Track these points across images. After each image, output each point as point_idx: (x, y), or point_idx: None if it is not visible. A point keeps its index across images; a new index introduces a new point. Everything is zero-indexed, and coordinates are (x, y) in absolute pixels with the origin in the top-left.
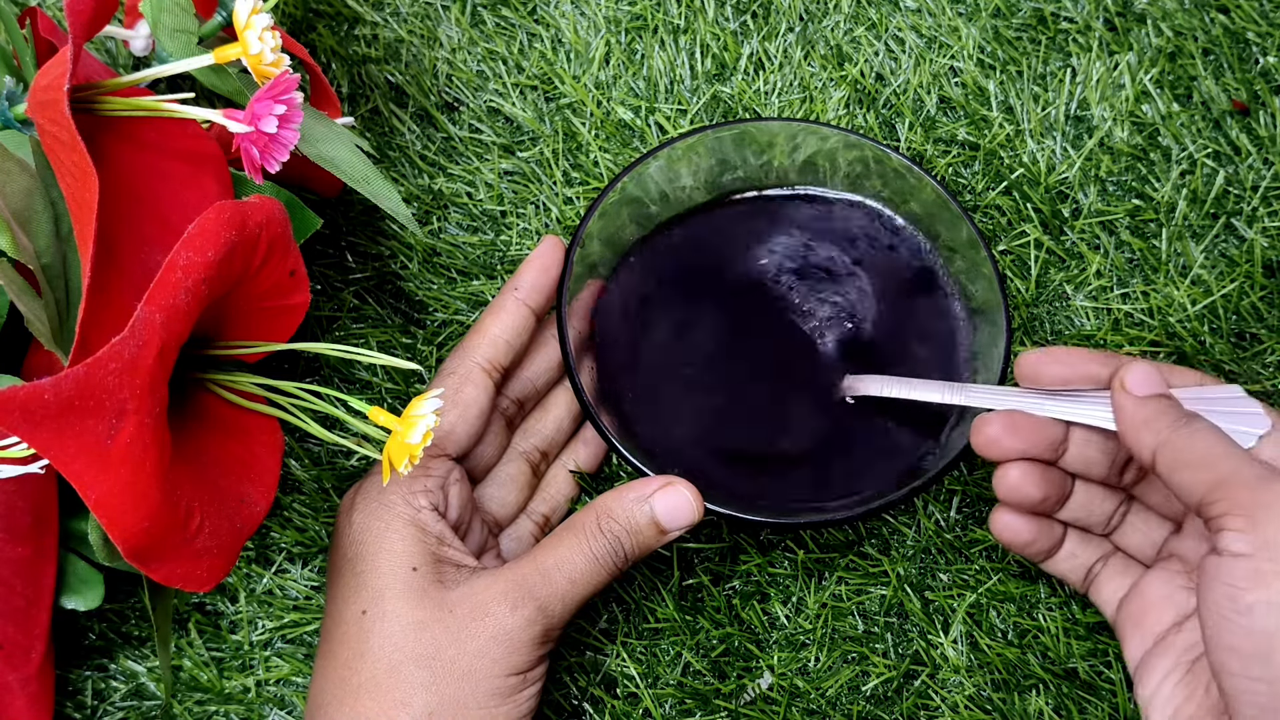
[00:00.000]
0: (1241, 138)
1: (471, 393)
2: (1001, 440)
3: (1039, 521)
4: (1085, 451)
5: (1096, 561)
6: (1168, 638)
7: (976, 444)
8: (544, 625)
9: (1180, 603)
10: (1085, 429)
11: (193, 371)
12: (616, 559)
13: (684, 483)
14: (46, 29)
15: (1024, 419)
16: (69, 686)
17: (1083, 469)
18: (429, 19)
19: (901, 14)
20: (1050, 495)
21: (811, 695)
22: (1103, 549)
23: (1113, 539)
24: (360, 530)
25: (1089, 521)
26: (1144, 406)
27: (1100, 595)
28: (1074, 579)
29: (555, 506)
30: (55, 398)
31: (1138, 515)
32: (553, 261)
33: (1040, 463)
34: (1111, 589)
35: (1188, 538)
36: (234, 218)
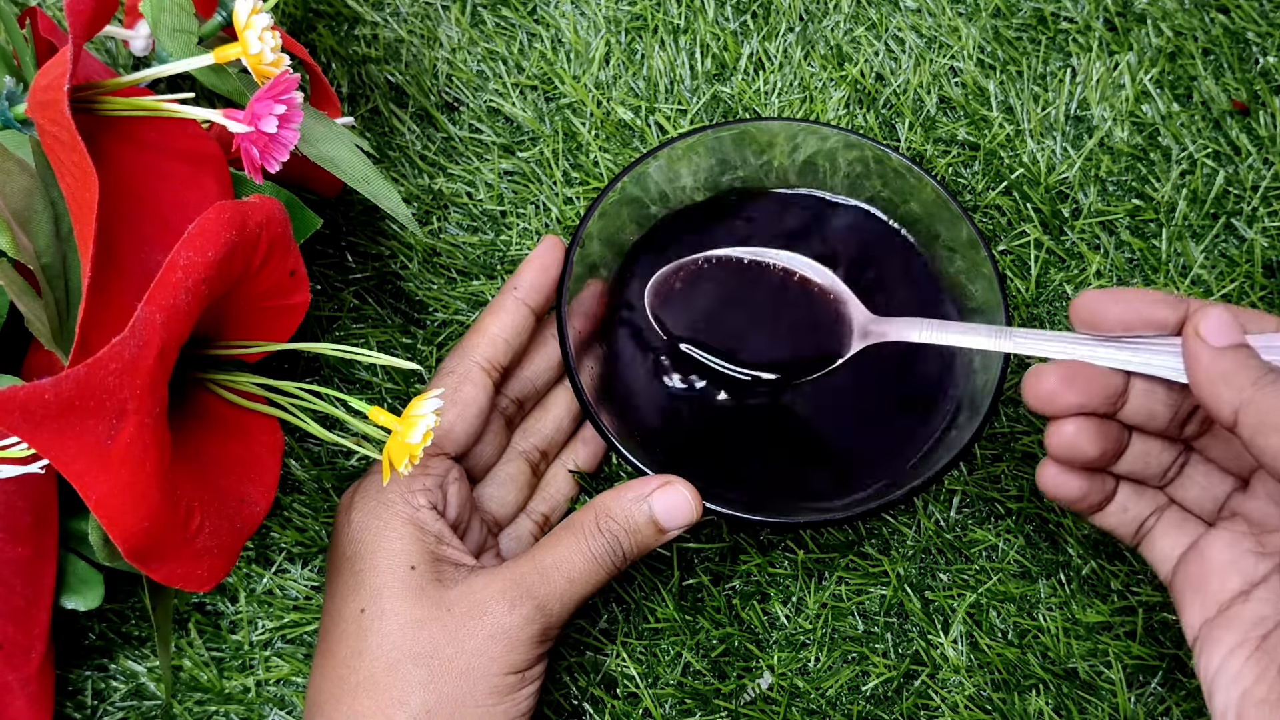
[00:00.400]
0: (1241, 138)
1: (470, 392)
2: (1059, 394)
3: (1090, 475)
4: (1146, 403)
5: (1150, 515)
6: (1233, 607)
7: (1030, 398)
8: (542, 624)
9: (1247, 569)
10: (1150, 380)
11: (193, 371)
12: (615, 558)
13: (683, 482)
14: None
15: (1083, 369)
16: (69, 686)
17: (1143, 422)
18: (429, 19)
19: (901, 14)
20: (1108, 451)
21: (811, 695)
22: (1157, 501)
23: (1168, 491)
24: (359, 529)
25: (1144, 474)
26: (1222, 359)
27: (1154, 552)
28: (1124, 533)
29: (555, 506)
30: (56, 398)
31: (1197, 468)
32: (552, 261)
33: (1097, 416)
34: (1167, 545)
35: (1255, 497)
36: (234, 218)
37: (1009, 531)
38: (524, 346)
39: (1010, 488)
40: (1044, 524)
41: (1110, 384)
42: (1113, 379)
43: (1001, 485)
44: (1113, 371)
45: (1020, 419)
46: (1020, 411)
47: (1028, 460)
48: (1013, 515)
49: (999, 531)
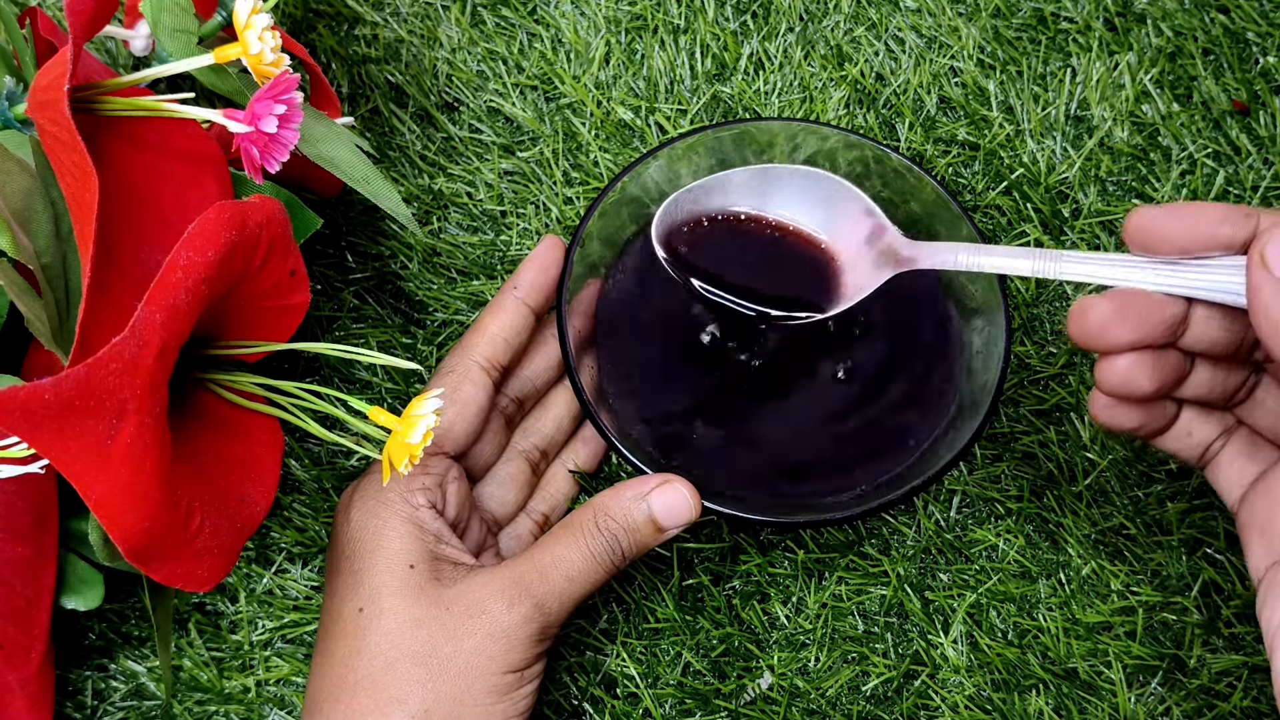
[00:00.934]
0: (1241, 138)
1: (470, 391)
2: (1111, 328)
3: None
4: (1209, 330)
5: (1217, 438)
6: None
7: (1078, 334)
8: (541, 623)
9: None
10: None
11: (193, 371)
12: (614, 557)
13: (682, 481)
14: (46, 29)
15: (1139, 299)
16: (69, 686)
17: (1206, 348)
18: (429, 19)
19: (901, 14)
20: (1167, 383)
21: (811, 695)
22: (1225, 423)
23: (1237, 412)
24: (358, 528)
25: (1209, 397)
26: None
27: (1220, 479)
28: (1188, 457)
29: (555, 505)
30: (56, 398)
31: (1269, 390)
32: (552, 261)
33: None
34: (1234, 473)
35: None
36: (234, 218)
37: (1009, 531)
38: (524, 346)
39: (1010, 488)
40: (1044, 524)
41: (1170, 313)
42: (1173, 307)
43: (1001, 485)
44: (1172, 299)
45: (1020, 419)
46: (1021, 411)
47: (1028, 460)
48: (1013, 515)
49: (999, 531)
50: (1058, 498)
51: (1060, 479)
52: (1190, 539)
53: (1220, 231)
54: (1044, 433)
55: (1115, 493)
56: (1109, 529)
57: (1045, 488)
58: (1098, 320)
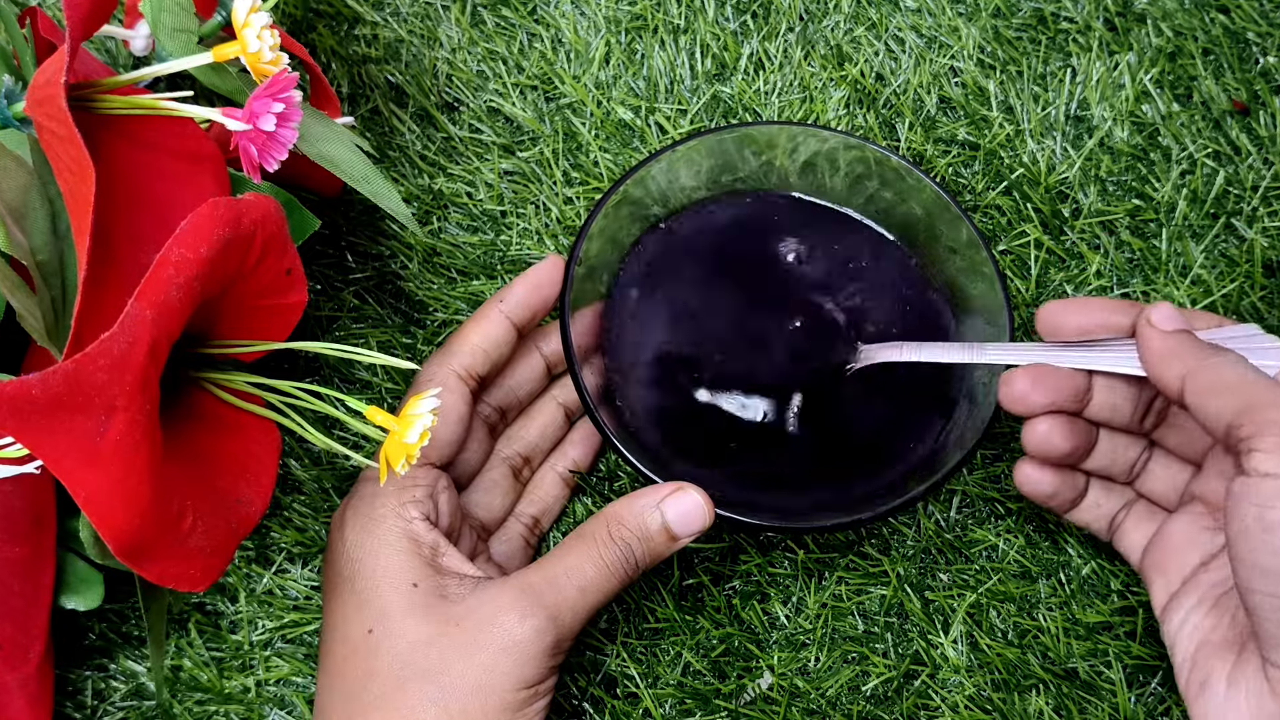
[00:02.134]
0: (1241, 138)
1: (448, 399)
2: (1030, 395)
3: (1062, 472)
4: (1109, 399)
5: (1120, 509)
6: (1195, 577)
7: (1005, 399)
8: (555, 635)
9: (1204, 544)
10: (1110, 377)
11: (189, 370)
12: (628, 566)
13: (694, 488)
14: (46, 29)
15: (1050, 371)
16: (69, 686)
17: (1107, 417)
18: (429, 19)
19: (901, 14)
20: (1078, 446)
21: (811, 695)
22: (1126, 497)
23: (1135, 486)
24: (354, 547)
25: (1112, 470)
26: (1170, 339)
27: (1125, 543)
28: (1098, 528)
29: (545, 509)
30: (44, 393)
31: (1159, 461)
32: (546, 280)
33: (1066, 414)
34: (1137, 536)
35: (1209, 478)
36: (228, 214)
37: (1009, 531)
38: (504, 360)
39: (1010, 488)
40: (1044, 524)
41: (1075, 384)
42: (1077, 379)
43: (1001, 485)
44: (1076, 372)
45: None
46: None
47: None
48: (1013, 515)
49: (999, 531)
50: None
51: None
52: None
53: (1111, 318)
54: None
55: None
56: None
57: None
58: (1020, 388)
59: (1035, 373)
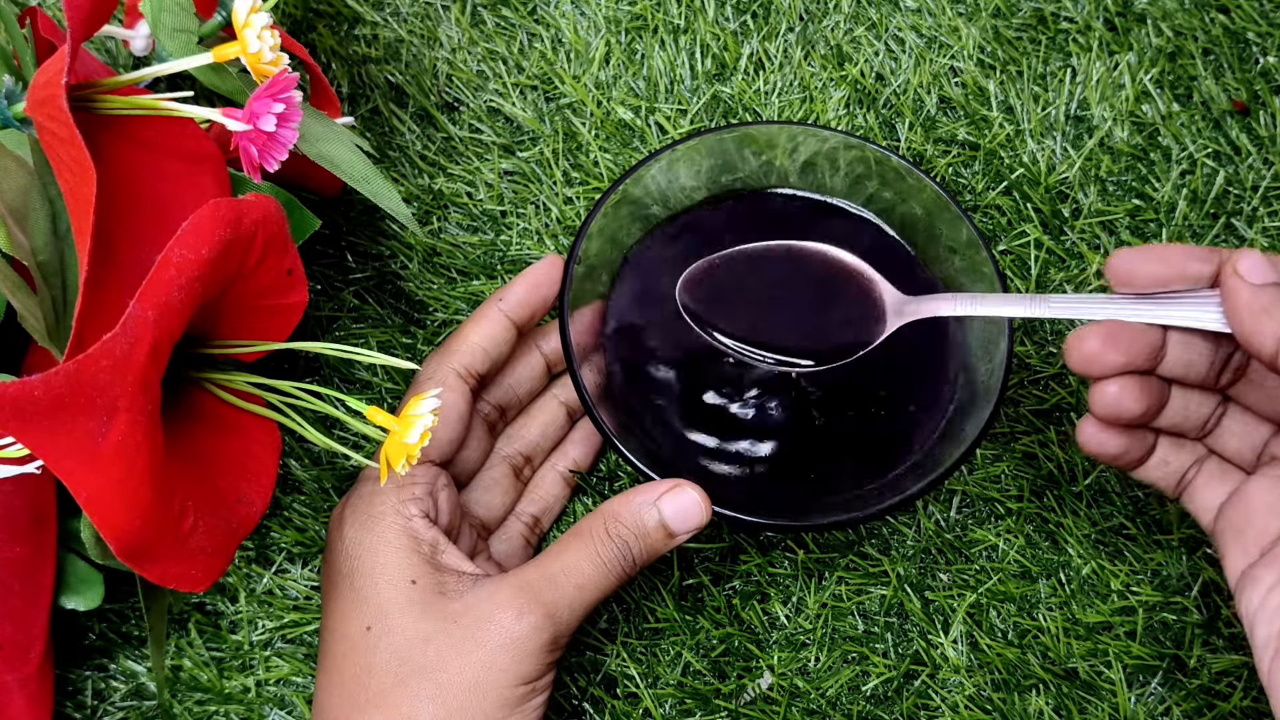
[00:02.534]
0: (1241, 138)
1: (448, 398)
2: (1102, 355)
3: (1130, 431)
4: (1184, 355)
5: (1190, 467)
6: (1275, 548)
7: (1074, 360)
8: (552, 632)
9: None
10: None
11: (189, 370)
12: (625, 564)
13: (692, 485)
14: (47, 29)
15: (1123, 328)
16: (69, 686)
17: (1181, 374)
18: (429, 19)
19: (901, 14)
20: (1151, 407)
21: (811, 695)
22: (1196, 453)
23: (1207, 442)
24: (353, 544)
25: (1184, 426)
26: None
27: (1195, 502)
28: (1165, 486)
29: (545, 507)
30: (46, 394)
31: (1235, 418)
32: (545, 279)
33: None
34: (1208, 495)
35: None
36: (229, 215)
37: (1009, 531)
38: (503, 359)
39: (1010, 488)
40: (1044, 524)
41: (1150, 340)
42: (1152, 335)
43: (1001, 485)
44: (1151, 327)
45: (1020, 419)
46: (1021, 411)
47: (1028, 460)
48: (1013, 515)
49: (999, 531)
50: (1058, 498)
51: (1060, 479)
52: (1190, 539)
53: (1189, 267)
54: (1044, 433)
55: (1115, 493)
56: (1109, 529)
57: (1045, 488)
58: (1091, 348)
59: (1108, 331)
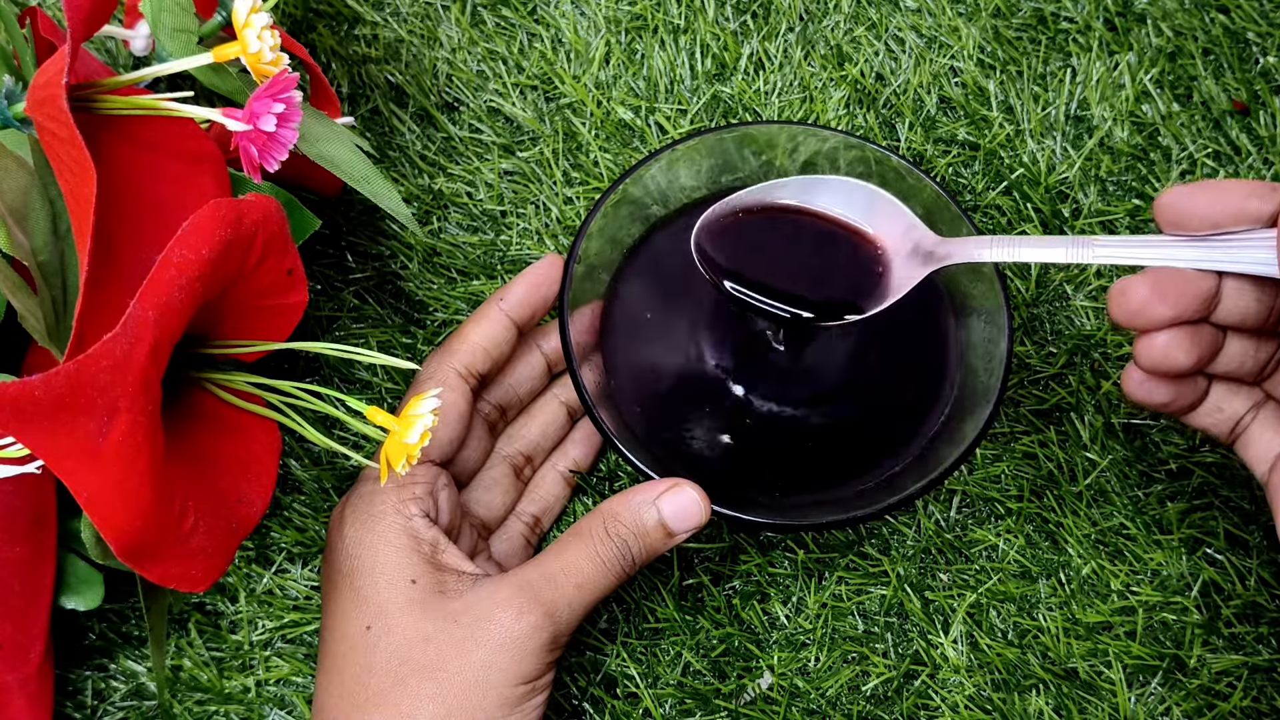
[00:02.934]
0: (1241, 138)
1: (449, 398)
2: (1151, 306)
3: (1181, 378)
4: (1241, 302)
5: (1247, 413)
6: None
7: (1119, 313)
8: (551, 632)
9: None
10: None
11: (189, 370)
12: (624, 563)
13: (691, 484)
14: (47, 29)
15: (1173, 276)
16: (69, 686)
17: (1238, 321)
18: (429, 19)
19: (901, 14)
20: (1203, 357)
21: (811, 695)
22: (1253, 398)
23: (1265, 387)
24: (353, 544)
25: (1239, 372)
26: None
27: (1249, 451)
28: (1218, 432)
29: (545, 507)
30: (46, 394)
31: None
32: (545, 278)
33: (1190, 324)
34: (1264, 444)
35: None
36: (229, 215)
37: (1009, 531)
38: (504, 358)
39: (1010, 488)
40: (1044, 524)
41: (1203, 288)
42: (1205, 282)
43: (1001, 485)
44: (1205, 274)
45: (1020, 419)
46: (1021, 411)
47: (1028, 460)
48: (1013, 515)
49: (999, 531)
50: (1058, 498)
51: (1060, 479)
52: (1190, 539)
53: (1248, 205)
54: (1044, 433)
55: (1115, 493)
56: (1109, 529)
57: (1045, 488)
58: (1137, 300)
59: (1156, 280)
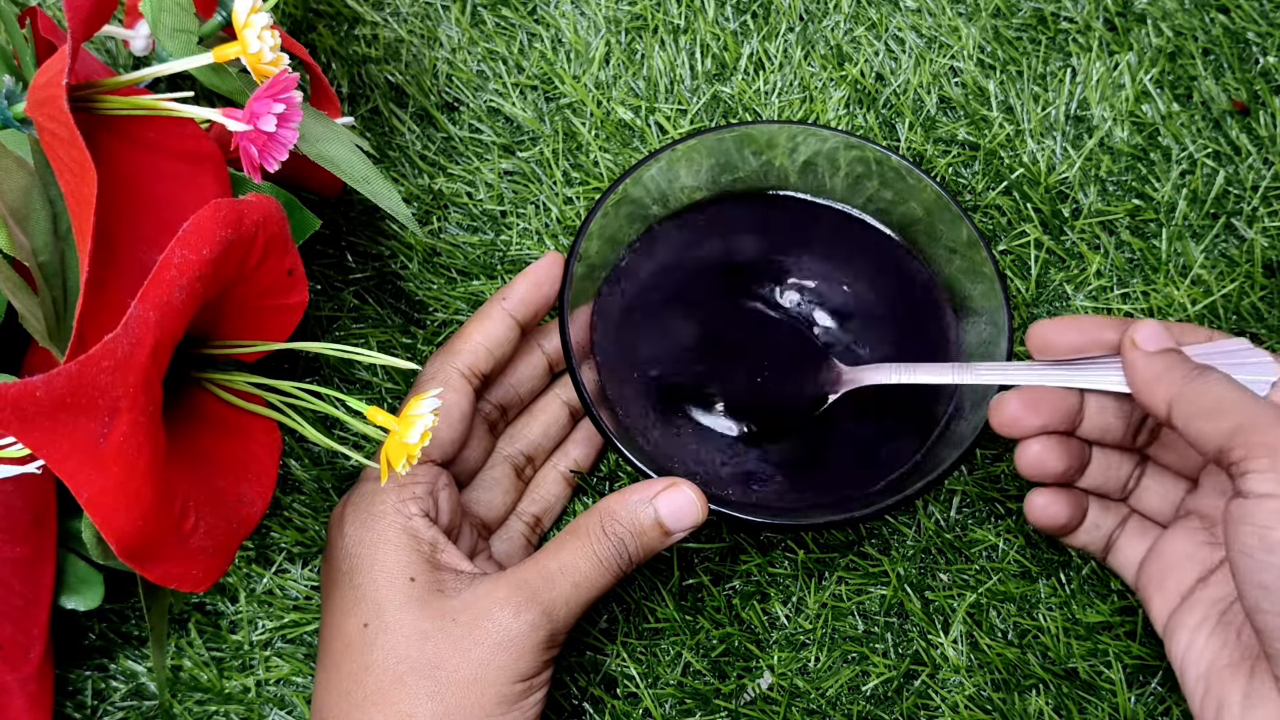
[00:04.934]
0: (1241, 138)
1: (451, 397)
2: (1022, 418)
3: (1069, 497)
4: (1102, 418)
5: (1116, 527)
6: (1194, 593)
7: (996, 423)
8: (549, 630)
9: (1203, 558)
10: (1102, 395)
11: (190, 370)
12: (621, 561)
13: (688, 483)
14: (47, 29)
15: (1041, 393)
16: (69, 686)
17: (1099, 435)
18: (429, 19)
19: (901, 14)
20: (1071, 466)
21: (811, 695)
22: (1121, 514)
23: (1130, 502)
24: (353, 542)
25: (1107, 488)
26: (1155, 361)
27: (1119, 560)
28: (1095, 549)
29: (546, 507)
30: (47, 395)
31: (1153, 477)
32: (546, 277)
33: (1058, 434)
34: (1130, 552)
35: (1205, 494)
36: (230, 215)
37: (1009, 531)
38: (506, 357)
39: (1010, 488)
40: None
41: (1067, 404)
42: (1068, 398)
43: (1001, 485)
44: (1068, 391)
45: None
46: None
47: None
48: (1013, 515)
49: (999, 531)
50: None
51: None
52: None
53: (1102, 335)
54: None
55: None
56: None
57: None
58: (1011, 411)
59: (1027, 394)
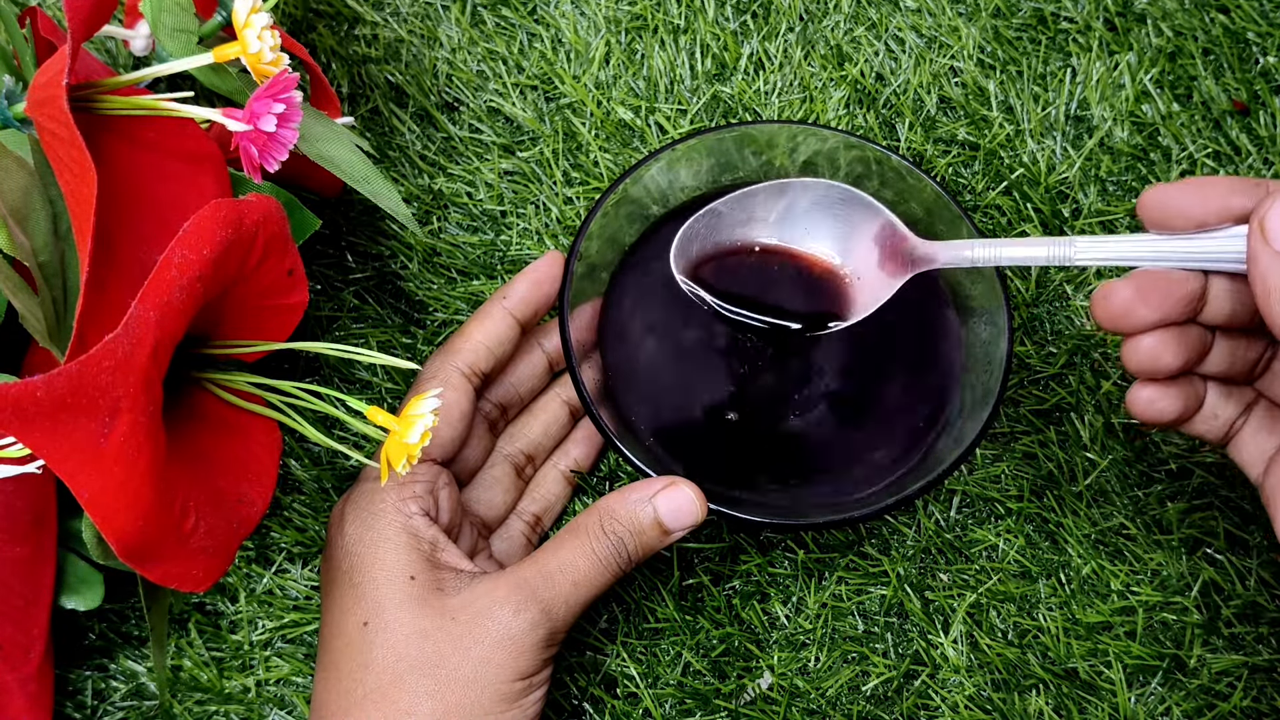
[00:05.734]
0: (1241, 138)
1: (451, 396)
2: (1134, 310)
3: (1182, 387)
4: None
5: (1239, 415)
6: None
7: (1103, 318)
8: (548, 628)
9: None
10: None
11: (190, 370)
12: (620, 560)
13: (687, 483)
14: (47, 29)
15: (1157, 278)
16: (69, 686)
17: (1225, 320)
18: (429, 19)
19: (901, 14)
20: (1190, 359)
21: (811, 695)
22: (1245, 399)
23: (1258, 386)
24: (353, 541)
25: (1230, 372)
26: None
27: (1243, 454)
28: (1213, 437)
29: (546, 506)
30: (48, 395)
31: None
32: (546, 276)
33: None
34: (1256, 446)
35: None
36: (230, 215)
37: (1009, 531)
38: (507, 356)
39: (1010, 488)
40: (1044, 524)
41: (1189, 289)
42: (1191, 283)
43: (1001, 485)
44: (1190, 274)
45: (1020, 419)
46: (1021, 411)
47: (1028, 460)
48: (1013, 515)
49: (999, 531)
50: (1058, 498)
51: (1060, 479)
52: (1190, 539)
53: (1232, 202)
54: (1044, 433)
55: (1115, 493)
56: (1109, 529)
57: (1045, 488)
58: (1121, 303)
59: (1140, 283)
